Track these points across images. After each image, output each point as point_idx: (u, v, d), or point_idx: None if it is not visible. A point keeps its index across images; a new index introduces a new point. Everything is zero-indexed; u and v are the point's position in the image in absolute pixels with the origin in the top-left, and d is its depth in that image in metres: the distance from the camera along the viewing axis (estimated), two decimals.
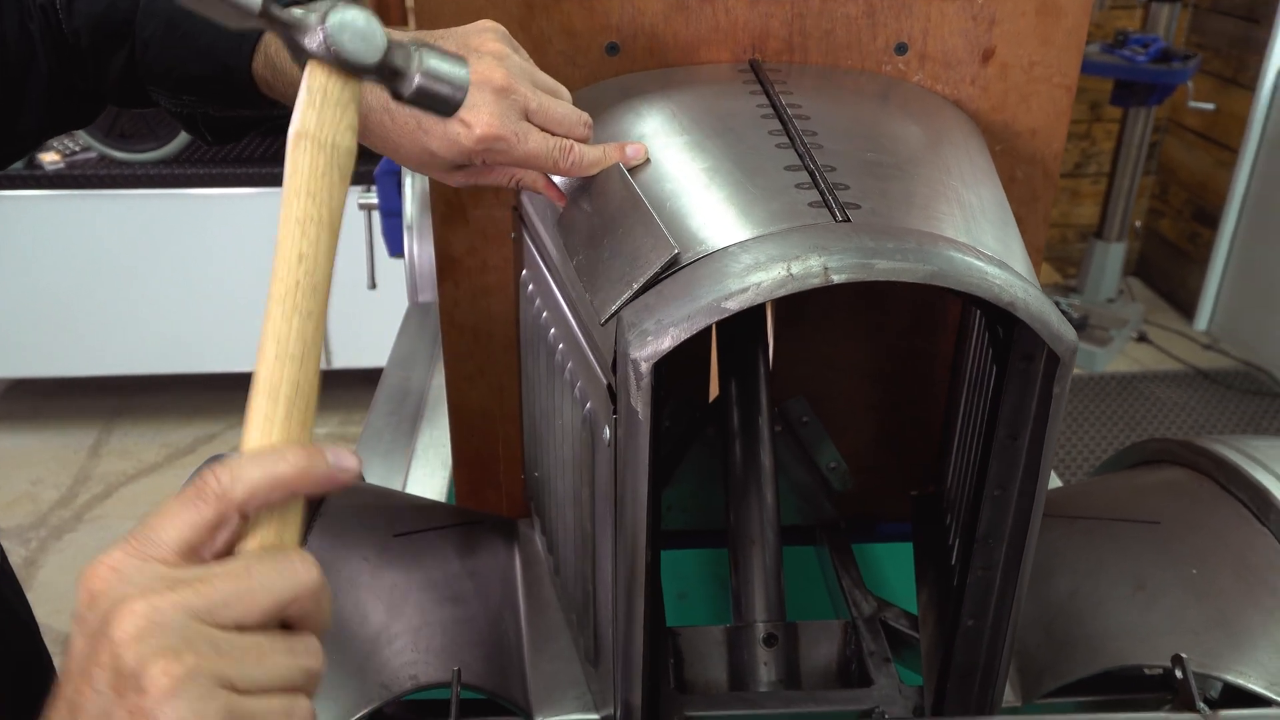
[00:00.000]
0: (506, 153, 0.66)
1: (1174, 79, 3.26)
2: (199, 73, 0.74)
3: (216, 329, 3.18)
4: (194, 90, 0.76)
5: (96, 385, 3.34)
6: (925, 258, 0.55)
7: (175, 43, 0.75)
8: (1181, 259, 4.01)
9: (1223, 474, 0.82)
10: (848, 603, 0.93)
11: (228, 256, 3.11)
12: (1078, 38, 0.87)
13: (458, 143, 0.65)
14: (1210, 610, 0.75)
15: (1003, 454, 0.66)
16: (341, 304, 3.31)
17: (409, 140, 0.67)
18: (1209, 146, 3.81)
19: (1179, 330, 3.90)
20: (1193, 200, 3.93)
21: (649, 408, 0.57)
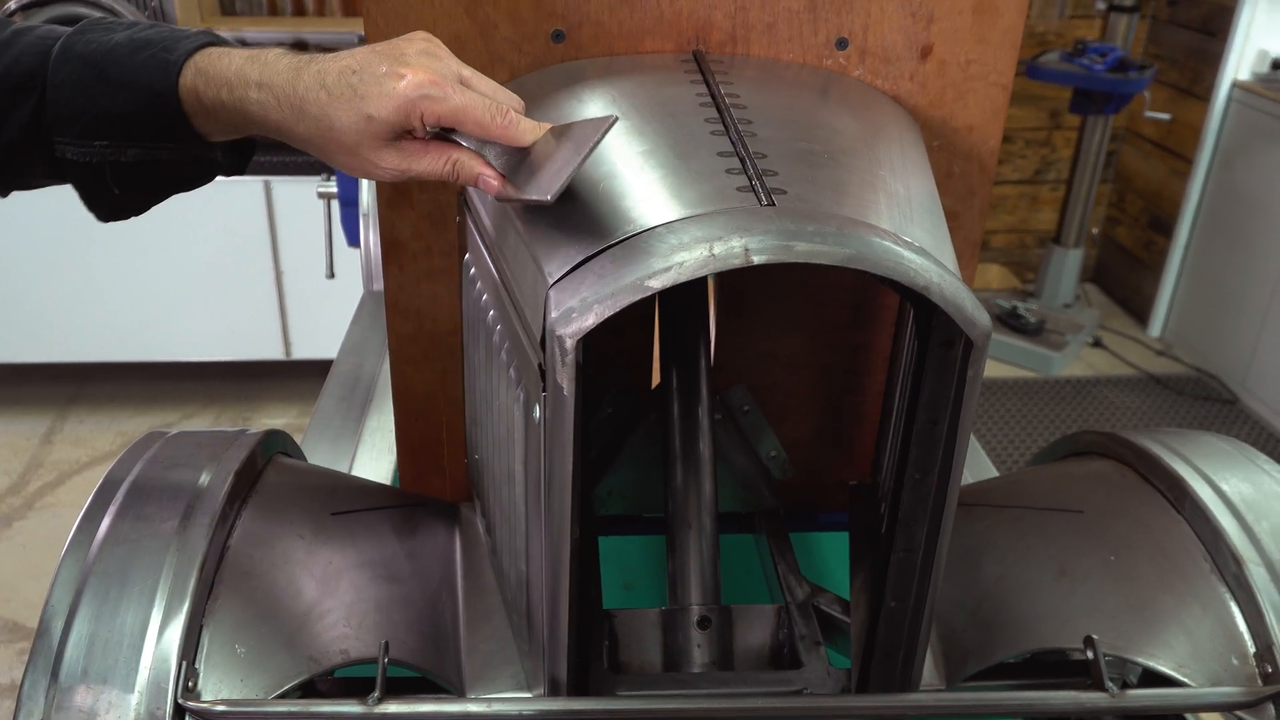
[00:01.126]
0: (442, 101, 0.67)
1: (1130, 88, 3.32)
2: (120, 106, 0.72)
3: (174, 317, 3.16)
4: (111, 130, 0.72)
5: (51, 372, 3.30)
6: (843, 241, 0.56)
7: (93, 81, 0.72)
8: (1137, 266, 4.08)
9: (1143, 465, 0.85)
10: (782, 588, 0.94)
11: (186, 244, 3.09)
12: (1013, 37, 0.89)
13: (394, 94, 0.66)
14: (1127, 595, 0.77)
15: (923, 439, 0.67)
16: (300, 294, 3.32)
17: (346, 109, 0.67)
18: (1164, 156, 3.88)
19: (1133, 336, 3.97)
20: (1148, 208, 4.00)
21: (574, 384, 0.58)
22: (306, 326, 3.25)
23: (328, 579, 0.77)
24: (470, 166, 0.70)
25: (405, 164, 0.70)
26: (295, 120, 0.69)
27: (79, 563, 0.68)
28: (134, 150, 0.73)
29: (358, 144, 0.69)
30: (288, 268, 3.17)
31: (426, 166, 0.70)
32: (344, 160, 0.70)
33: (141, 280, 3.10)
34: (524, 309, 0.67)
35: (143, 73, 0.71)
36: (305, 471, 0.90)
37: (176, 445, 0.80)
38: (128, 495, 0.73)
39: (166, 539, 0.70)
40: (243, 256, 3.11)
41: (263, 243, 3.12)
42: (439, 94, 0.66)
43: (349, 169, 0.71)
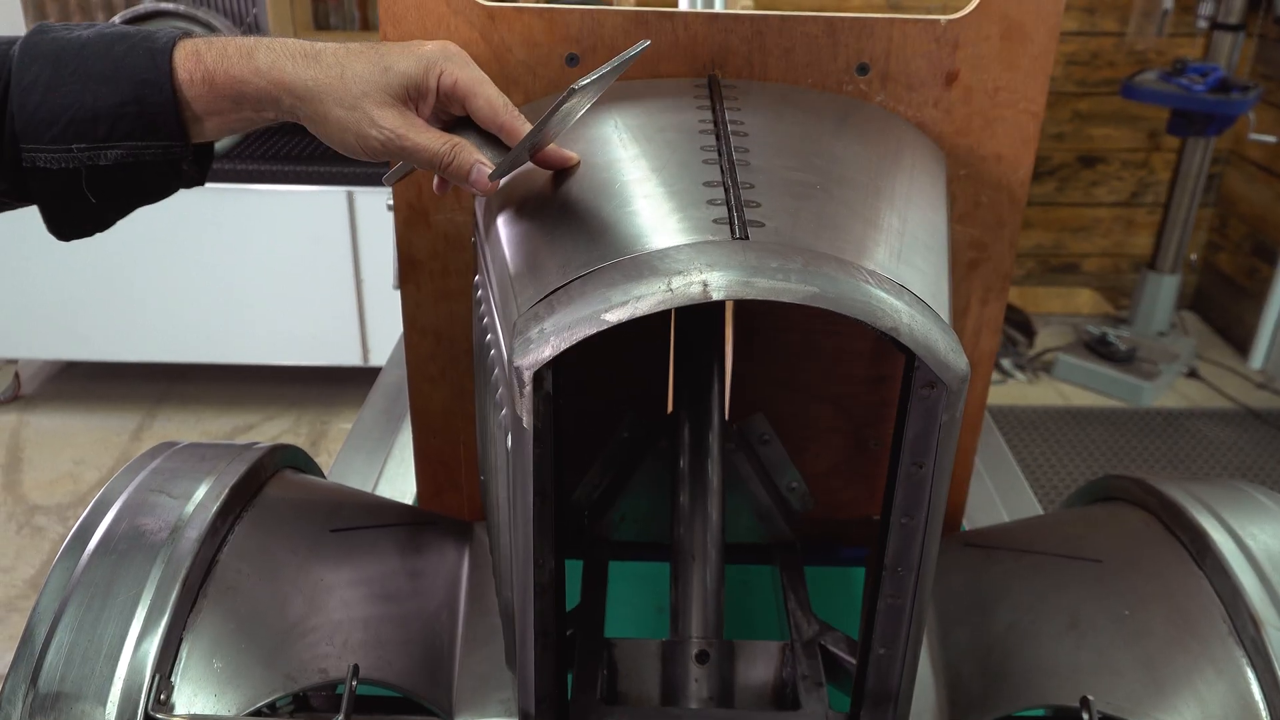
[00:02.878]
0: (464, 67, 0.69)
1: (1232, 110, 3.17)
2: (103, 100, 0.68)
3: (259, 321, 3.26)
4: (92, 129, 0.69)
5: (143, 371, 3.43)
6: (807, 278, 0.55)
7: (67, 79, 0.68)
8: (1239, 294, 3.90)
9: (1167, 514, 0.80)
10: (790, 625, 0.92)
11: (272, 251, 3.19)
12: (1044, 63, 0.86)
13: (417, 50, 0.69)
14: (1137, 652, 0.73)
15: (908, 481, 0.65)
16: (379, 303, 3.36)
17: (363, 59, 0.69)
18: (1271, 180, 3.70)
19: (1232, 368, 3.79)
20: (1253, 234, 3.82)
21: (533, 416, 0.57)
22: (385, 334, 3.32)
23: (316, 596, 0.78)
24: (469, 154, 0.69)
25: (403, 129, 0.69)
26: (304, 67, 0.68)
27: (68, 571, 0.69)
28: (115, 151, 0.69)
29: (364, 95, 0.68)
30: (368, 276, 3.25)
31: (424, 141, 0.69)
32: (339, 115, 0.68)
33: (228, 285, 3.21)
34: (503, 335, 0.66)
35: (127, 63, 0.68)
36: (311, 487, 0.91)
37: (180, 457, 0.82)
38: (124, 505, 0.75)
39: (154, 550, 0.71)
40: (326, 264, 3.19)
41: (345, 251, 3.19)
42: (462, 60, 0.68)
43: (341, 129, 0.69)
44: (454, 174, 0.70)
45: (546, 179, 0.74)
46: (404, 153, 0.70)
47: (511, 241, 0.69)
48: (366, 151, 0.71)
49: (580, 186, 0.71)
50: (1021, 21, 0.84)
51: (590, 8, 0.85)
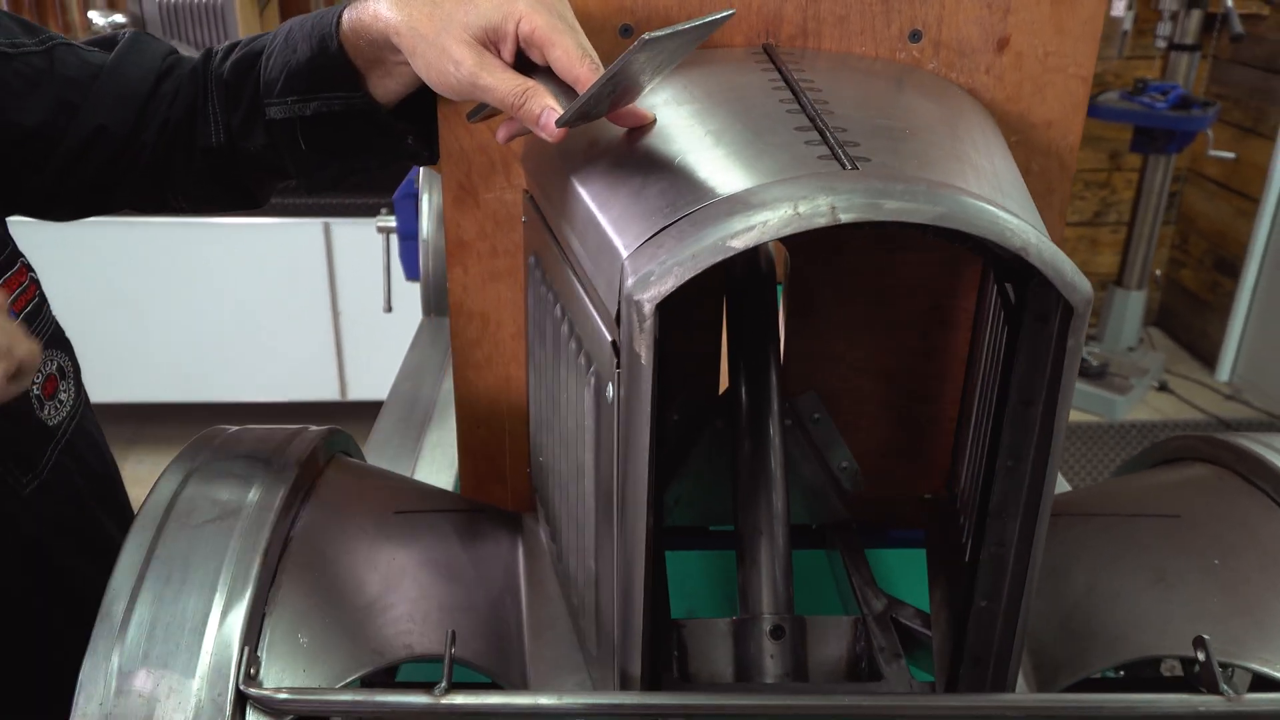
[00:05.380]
0: (545, 14, 0.70)
1: (1193, 126, 3.26)
2: (301, 57, 0.82)
3: (233, 358, 3.20)
4: (296, 83, 0.83)
5: (112, 412, 3.34)
6: (934, 199, 0.54)
7: (289, 43, 0.84)
8: (1203, 309, 3.98)
9: (1245, 466, 0.80)
10: (858, 600, 0.90)
11: (246, 285, 3.14)
12: (1094, 27, 0.87)
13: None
14: (1234, 599, 0.72)
15: (1016, 422, 0.64)
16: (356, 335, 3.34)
17: (455, 3, 0.71)
18: (1229, 196, 3.80)
19: (1201, 380, 3.86)
20: (1213, 250, 3.91)
21: (652, 351, 0.56)
22: (362, 368, 3.28)
23: (391, 575, 0.75)
24: (540, 98, 0.69)
25: (478, 68, 0.70)
26: (404, 5, 0.74)
27: (141, 548, 0.66)
28: (314, 103, 0.83)
29: (444, 31, 0.71)
30: (345, 309, 3.21)
31: (497, 82, 0.70)
32: (424, 50, 0.73)
33: (201, 321, 3.15)
34: (597, 287, 0.65)
35: (320, 23, 0.82)
36: (368, 471, 0.88)
37: (240, 439, 0.79)
38: (192, 483, 0.71)
39: (229, 526, 0.68)
40: (301, 297, 3.15)
41: (321, 284, 3.16)
42: (546, 7, 0.68)
43: (425, 64, 0.73)
44: (524, 117, 0.70)
45: (619, 137, 0.73)
46: (476, 90, 0.72)
47: (597, 196, 0.68)
48: (445, 87, 0.74)
49: (662, 138, 0.70)
50: None
51: None
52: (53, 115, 0.87)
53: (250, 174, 0.94)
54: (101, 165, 0.91)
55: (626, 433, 0.59)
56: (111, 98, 0.89)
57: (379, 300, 2.25)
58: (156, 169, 0.93)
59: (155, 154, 0.92)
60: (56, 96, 0.87)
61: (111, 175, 0.92)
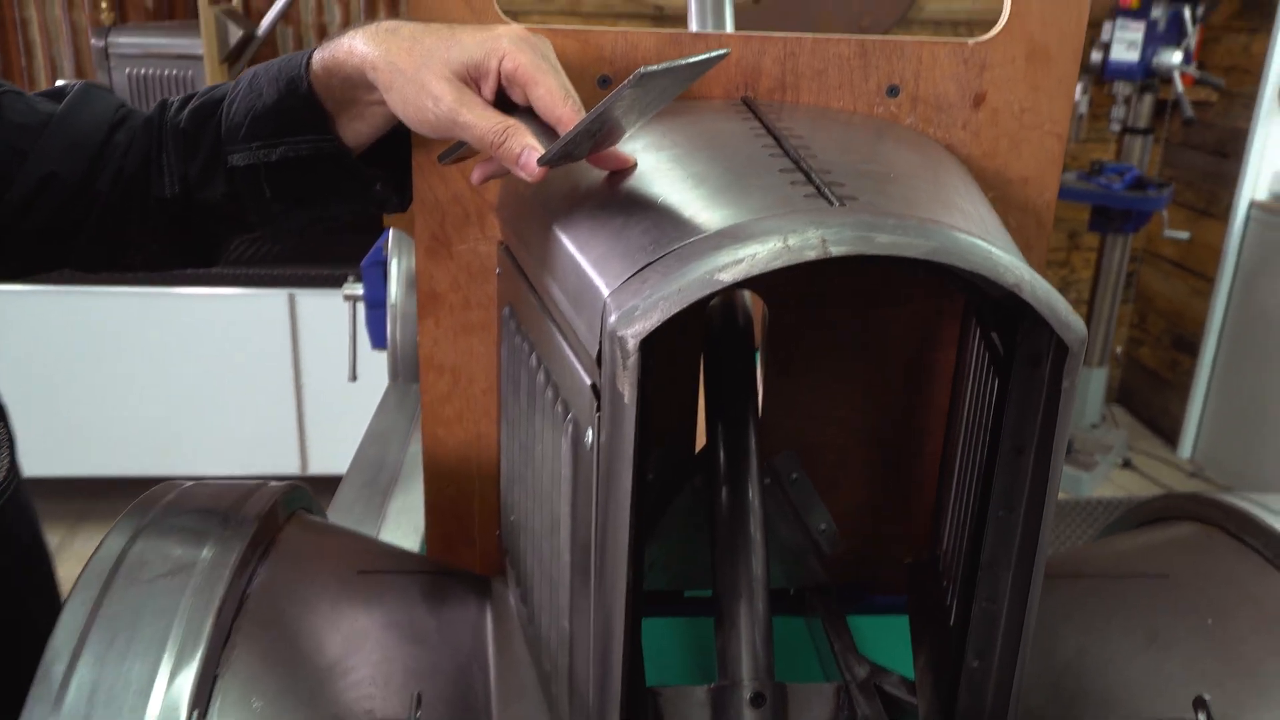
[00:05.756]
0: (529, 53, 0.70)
1: (1150, 205, 3.34)
2: (267, 101, 0.80)
3: (191, 430, 3.13)
4: (262, 126, 0.81)
5: (58, 487, 3.24)
6: (926, 234, 0.53)
7: (254, 87, 0.82)
8: (1163, 386, 4.03)
9: (1234, 524, 0.78)
10: (840, 666, 0.87)
11: (206, 356, 3.08)
12: (1068, 85, 0.87)
13: (486, 32, 0.71)
14: (1230, 660, 0.70)
15: (1008, 469, 0.62)
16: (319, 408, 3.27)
17: (436, 35, 0.71)
18: (1185, 275, 3.88)
19: (1163, 458, 3.89)
20: (1171, 328, 3.97)
21: (635, 390, 0.53)
22: (324, 440, 3.21)
23: (353, 637, 0.71)
24: (521, 137, 0.68)
25: (458, 104, 0.69)
26: (382, 40, 0.73)
27: (85, 605, 0.62)
28: (280, 148, 0.80)
29: (425, 66, 0.70)
30: (308, 381, 3.16)
31: (477, 119, 0.69)
32: (402, 85, 0.71)
33: (159, 392, 3.08)
34: (577, 330, 0.63)
35: (281, 71, 0.80)
36: (330, 529, 0.84)
37: (195, 494, 0.75)
38: (142, 538, 0.67)
39: (182, 582, 0.64)
40: (264, 369, 3.10)
41: (285, 356, 3.11)
42: (529, 46, 0.67)
43: (403, 99, 0.71)
44: (504, 155, 0.69)
45: (599, 181, 0.72)
46: (455, 127, 0.70)
47: (577, 238, 0.66)
48: (423, 123, 0.72)
49: (644, 181, 0.68)
50: (1045, 43, 0.86)
51: (624, 30, 0.84)
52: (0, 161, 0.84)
53: (208, 227, 0.91)
54: (51, 215, 0.87)
55: (608, 475, 0.56)
56: (62, 146, 0.86)
57: (343, 371, 2.21)
58: (109, 221, 0.89)
59: (108, 205, 0.88)
60: (4, 142, 0.84)
61: (62, 226, 0.89)
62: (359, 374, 2.25)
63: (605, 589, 0.59)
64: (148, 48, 3.00)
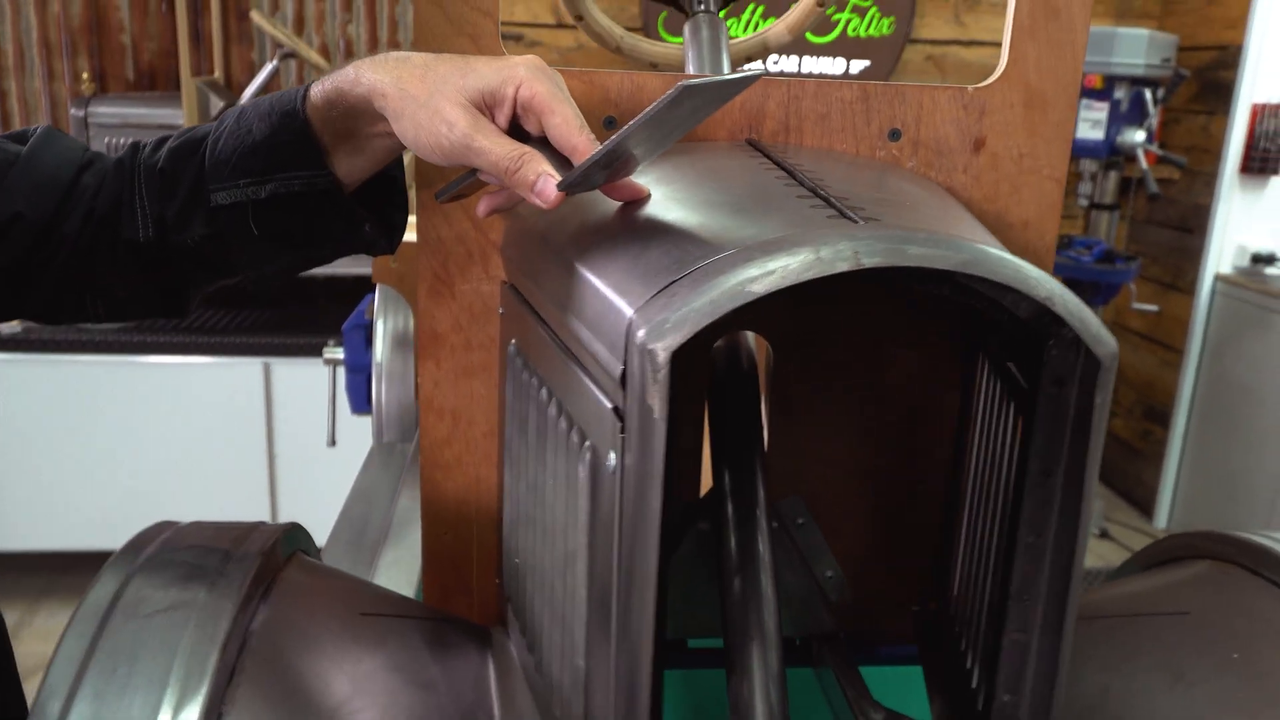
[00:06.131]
0: (545, 81, 0.69)
1: (1119, 278, 3.40)
2: (257, 136, 0.78)
3: (159, 501, 3.06)
4: (252, 162, 0.78)
5: (19, 562, 3.15)
6: (958, 248, 0.53)
7: (241, 123, 0.79)
8: (1136, 458, 4.06)
9: (1250, 559, 0.78)
10: (855, 714, 0.85)
11: (178, 426, 3.03)
12: (1065, 130, 0.89)
13: (500, 60, 0.70)
14: (1261, 693, 0.68)
15: (1036, 493, 0.61)
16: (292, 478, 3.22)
17: (449, 62, 0.71)
18: (1154, 347, 3.94)
19: (1139, 528, 3.89)
20: (1142, 399, 4.02)
21: (666, 404, 0.52)
22: (296, 511, 3.15)
23: (359, 678, 0.68)
24: (537, 164, 0.67)
25: (472, 129, 0.68)
26: (393, 68, 0.72)
27: (83, 639, 0.59)
28: (271, 184, 0.78)
29: (438, 93, 0.69)
30: (281, 451, 3.11)
31: (492, 145, 0.68)
32: (414, 112, 0.70)
33: (127, 464, 3.02)
34: (597, 355, 0.62)
35: (280, 100, 0.78)
36: (329, 571, 0.81)
37: (191, 532, 0.73)
38: (141, 572, 0.65)
39: (184, 618, 0.61)
40: (237, 439, 3.05)
41: (258, 425, 3.06)
42: (546, 76, 0.67)
43: (415, 125, 0.70)
44: (519, 182, 0.68)
45: (611, 213, 0.72)
46: (470, 153, 0.69)
47: (593, 266, 0.65)
48: (436, 150, 0.71)
49: (659, 208, 0.68)
50: (1042, 90, 0.88)
51: (629, 71, 0.85)
52: None
53: (182, 273, 0.88)
54: (17, 256, 0.84)
55: (637, 495, 0.55)
56: (28, 186, 0.83)
57: (318, 441, 2.18)
58: (76, 265, 0.86)
59: (76, 248, 0.85)
60: None
61: (27, 269, 0.85)
62: (338, 439, 2.22)
63: (631, 617, 0.57)
64: (128, 118, 3.01)
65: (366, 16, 3.52)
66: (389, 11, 3.54)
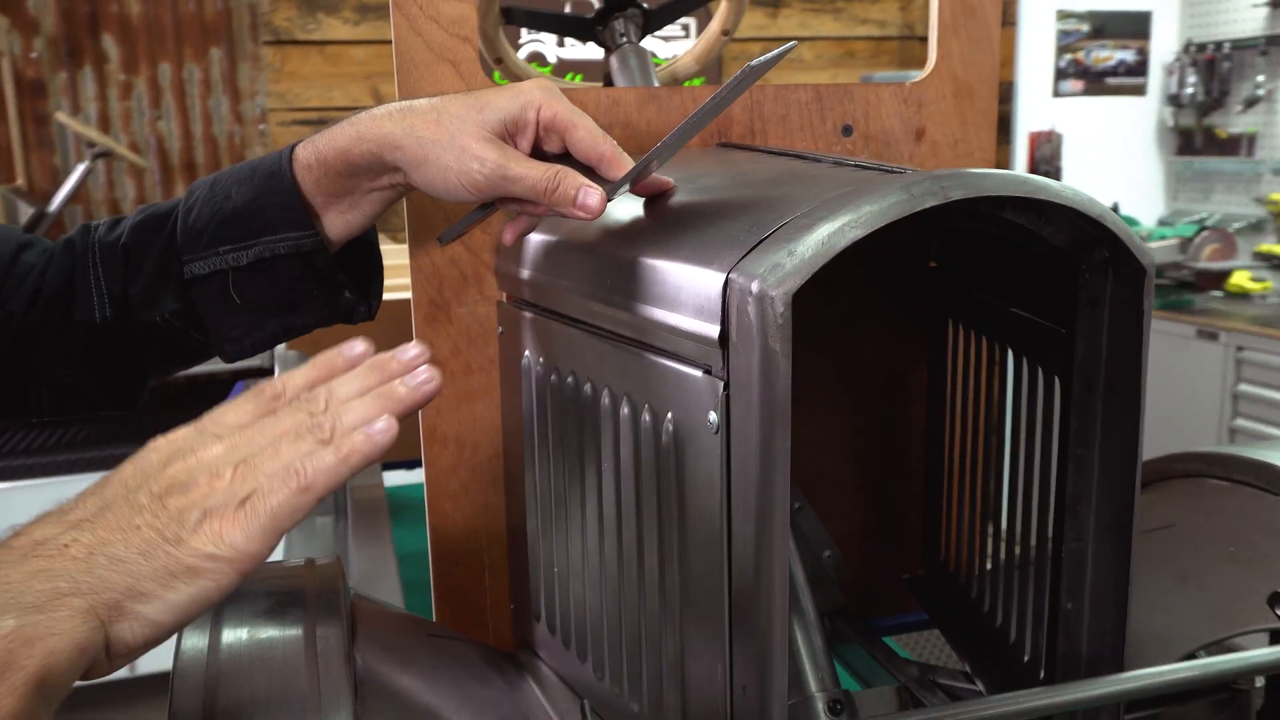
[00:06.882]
0: (562, 101, 0.70)
1: None
2: (237, 202, 0.76)
3: None
4: (232, 229, 0.76)
5: None
6: (1023, 182, 0.59)
7: (217, 192, 0.77)
8: None
9: (1219, 468, 0.87)
10: (890, 672, 0.88)
11: None
12: (990, 117, 0.99)
13: (512, 88, 0.71)
14: (1265, 575, 0.77)
15: (1081, 409, 0.67)
16: None
17: (459, 102, 0.71)
18: None
19: None
20: None
21: (789, 344, 0.56)
22: None
23: (450, 691, 0.67)
24: (574, 178, 0.69)
25: (504, 159, 0.69)
26: (400, 119, 0.71)
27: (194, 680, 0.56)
28: (255, 248, 0.75)
29: (460, 132, 0.69)
30: None
31: (527, 170, 0.69)
32: (438, 155, 0.70)
33: None
34: (677, 326, 0.64)
35: (261, 165, 0.76)
36: (372, 599, 0.79)
37: None
38: (227, 614, 0.62)
39: (296, 643, 0.59)
40: None
41: None
42: (558, 95, 0.69)
43: (442, 169, 0.70)
44: (560, 200, 0.70)
45: (639, 209, 0.74)
46: (506, 182, 0.70)
47: (654, 250, 0.67)
48: (470, 187, 0.71)
49: (700, 194, 0.72)
50: (968, 81, 0.97)
51: (607, 87, 0.89)
52: None
53: (139, 357, 0.84)
54: None
55: (763, 440, 0.57)
56: None
57: None
58: (20, 349, 0.82)
59: (21, 330, 0.81)
60: None
61: None
62: None
63: (761, 563, 0.59)
64: None
65: (178, 111, 3.42)
66: (201, 106, 3.45)
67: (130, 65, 3.37)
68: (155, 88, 3.39)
